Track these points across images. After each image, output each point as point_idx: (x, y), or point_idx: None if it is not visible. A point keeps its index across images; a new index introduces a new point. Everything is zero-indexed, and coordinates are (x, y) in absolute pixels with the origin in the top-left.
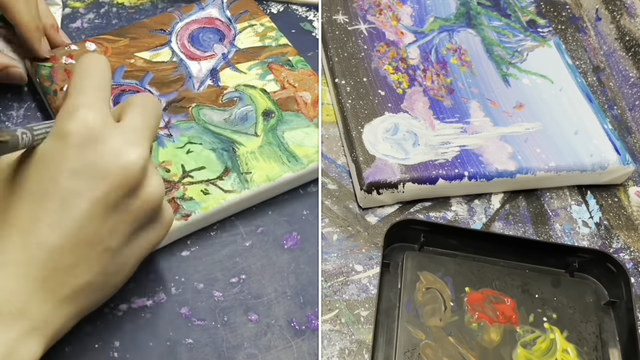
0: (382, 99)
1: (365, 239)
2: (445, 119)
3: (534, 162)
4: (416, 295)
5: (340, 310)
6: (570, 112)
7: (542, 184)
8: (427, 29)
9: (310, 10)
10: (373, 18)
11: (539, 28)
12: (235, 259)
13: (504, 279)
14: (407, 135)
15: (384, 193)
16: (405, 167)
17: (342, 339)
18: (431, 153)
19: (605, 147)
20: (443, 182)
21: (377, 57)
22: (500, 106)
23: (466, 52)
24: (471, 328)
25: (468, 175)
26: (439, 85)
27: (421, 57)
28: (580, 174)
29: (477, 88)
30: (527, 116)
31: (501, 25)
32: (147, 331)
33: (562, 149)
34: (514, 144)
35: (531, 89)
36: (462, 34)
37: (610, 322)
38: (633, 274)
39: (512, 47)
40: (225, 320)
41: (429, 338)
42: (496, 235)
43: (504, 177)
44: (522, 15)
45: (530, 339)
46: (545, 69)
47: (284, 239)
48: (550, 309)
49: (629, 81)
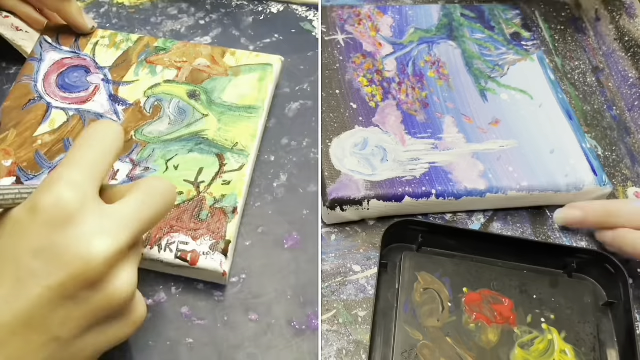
0: (353, 112)
1: (363, 240)
2: (417, 134)
3: (506, 181)
4: (414, 296)
5: (338, 310)
6: (548, 130)
7: (514, 204)
8: (407, 40)
9: (310, 10)
10: (351, 28)
11: (522, 41)
12: (236, 258)
13: (502, 280)
14: (376, 151)
15: (348, 210)
16: (371, 184)
17: (340, 339)
18: (399, 169)
19: (582, 167)
20: (409, 199)
21: (352, 68)
22: (476, 122)
23: (445, 65)
24: (469, 329)
25: (435, 194)
26: (414, 99)
27: (398, 70)
28: (554, 195)
29: (452, 103)
30: (502, 133)
31: (484, 38)
32: (147, 330)
33: (536, 168)
34: (486, 161)
35: (509, 104)
36: (443, 46)
37: (609, 323)
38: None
39: (493, 60)
40: (226, 320)
41: (426, 338)
42: (494, 236)
43: (474, 196)
44: (506, 28)
45: (528, 339)
46: (526, 84)
47: (284, 238)
48: (549, 310)
49: (628, 82)
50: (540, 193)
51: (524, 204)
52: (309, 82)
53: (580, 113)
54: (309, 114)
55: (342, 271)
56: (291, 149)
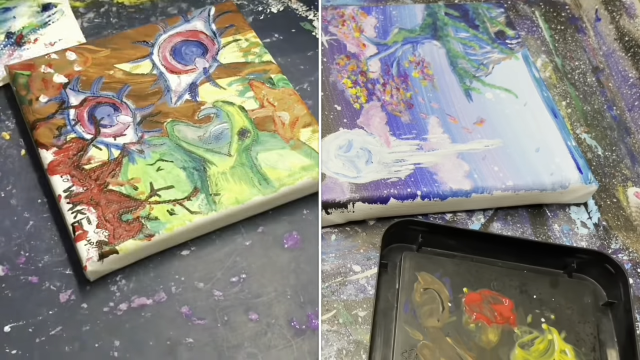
0: (337, 114)
1: (363, 240)
2: (401, 135)
3: (491, 180)
4: (414, 296)
5: (338, 310)
6: (533, 128)
7: (500, 203)
8: (391, 40)
9: (310, 9)
10: (335, 29)
11: (507, 40)
12: (236, 258)
13: (502, 280)
14: (361, 153)
15: (333, 213)
16: (356, 186)
17: (340, 339)
18: (384, 171)
19: (567, 165)
20: (395, 201)
21: (336, 70)
22: (460, 122)
23: (429, 65)
24: (469, 329)
25: (421, 195)
26: (398, 99)
27: (382, 71)
28: (540, 193)
29: (437, 103)
30: (487, 132)
31: (468, 37)
32: (147, 330)
33: (522, 167)
34: (471, 161)
35: (494, 103)
36: (427, 46)
37: (609, 323)
38: (631, 274)
39: (478, 59)
40: (226, 320)
41: (426, 339)
42: (494, 236)
43: (459, 196)
44: (490, 26)
45: (528, 339)
46: (511, 83)
47: (284, 238)
48: (549, 310)
49: (628, 81)
50: (526, 192)
51: (509, 203)
52: (309, 81)
53: (580, 113)
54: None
55: (342, 271)
56: None
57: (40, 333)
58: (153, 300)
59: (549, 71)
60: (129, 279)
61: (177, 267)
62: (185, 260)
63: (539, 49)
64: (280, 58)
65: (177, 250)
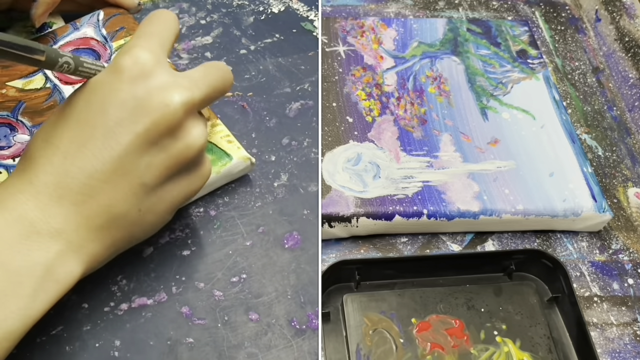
0: (349, 126)
1: (363, 240)
2: (412, 152)
3: (500, 203)
4: (364, 341)
5: None
6: (549, 152)
7: (508, 227)
8: (409, 54)
9: (311, 9)
10: (354, 40)
11: (529, 59)
12: (236, 258)
13: (448, 300)
14: (369, 167)
15: (337, 226)
16: (361, 201)
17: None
18: (391, 187)
19: (581, 192)
20: (400, 218)
21: (351, 81)
22: (474, 141)
23: (446, 81)
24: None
25: (427, 214)
26: (412, 115)
27: (397, 84)
28: (551, 219)
29: (452, 120)
30: (501, 153)
31: (489, 54)
32: (147, 330)
33: (533, 191)
34: (481, 182)
35: (510, 124)
36: (445, 61)
37: (558, 319)
38: (632, 274)
39: (497, 78)
40: (226, 320)
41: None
42: (429, 257)
43: (466, 217)
44: (512, 45)
45: (485, 357)
46: (529, 104)
47: (285, 238)
48: (499, 320)
49: (628, 82)
50: (537, 217)
51: (518, 227)
52: (309, 81)
53: (580, 113)
54: (309, 113)
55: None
56: (292, 148)
57: (40, 332)
58: (153, 300)
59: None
60: (130, 279)
61: (178, 267)
62: (186, 260)
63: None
64: (281, 58)
65: (177, 250)
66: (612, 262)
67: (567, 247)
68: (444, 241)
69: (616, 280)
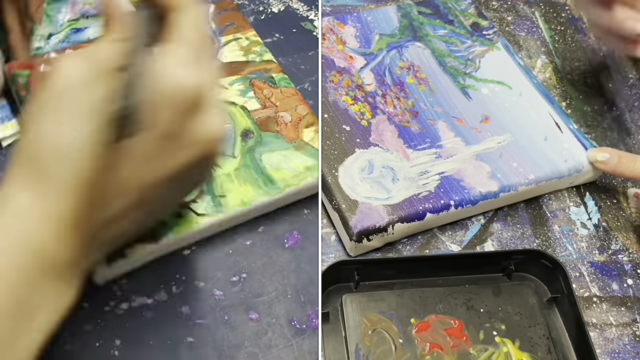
0: (348, 135)
1: None
2: (417, 147)
3: (514, 177)
4: (363, 341)
5: None
6: (535, 118)
7: (523, 197)
8: (375, 48)
9: (311, 9)
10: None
11: (483, 31)
12: (236, 257)
13: (447, 300)
14: (384, 172)
15: (374, 239)
16: (391, 208)
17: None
18: (413, 187)
19: (577, 149)
20: (431, 215)
21: (332, 88)
22: (467, 122)
23: (420, 69)
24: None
25: (454, 204)
26: (402, 109)
27: (377, 82)
28: (558, 181)
29: (439, 106)
30: (495, 129)
31: (447, 34)
32: (148, 330)
33: (537, 159)
34: (490, 161)
35: (492, 98)
36: (411, 48)
37: (557, 320)
38: (632, 275)
39: (463, 55)
40: (226, 319)
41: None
42: (428, 257)
43: (489, 198)
44: (464, 20)
45: (485, 358)
46: (501, 74)
47: (285, 238)
48: (498, 321)
49: (628, 82)
50: (547, 182)
51: (530, 195)
52: (309, 81)
53: (580, 113)
54: None
55: None
56: None
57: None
58: (154, 300)
59: (549, 72)
60: (130, 279)
61: (178, 266)
62: (186, 259)
63: (538, 49)
64: (281, 58)
65: (178, 250)
66: (612, 262)
67: (566, 247)
68: (443, 241)
69: (615, 281)
